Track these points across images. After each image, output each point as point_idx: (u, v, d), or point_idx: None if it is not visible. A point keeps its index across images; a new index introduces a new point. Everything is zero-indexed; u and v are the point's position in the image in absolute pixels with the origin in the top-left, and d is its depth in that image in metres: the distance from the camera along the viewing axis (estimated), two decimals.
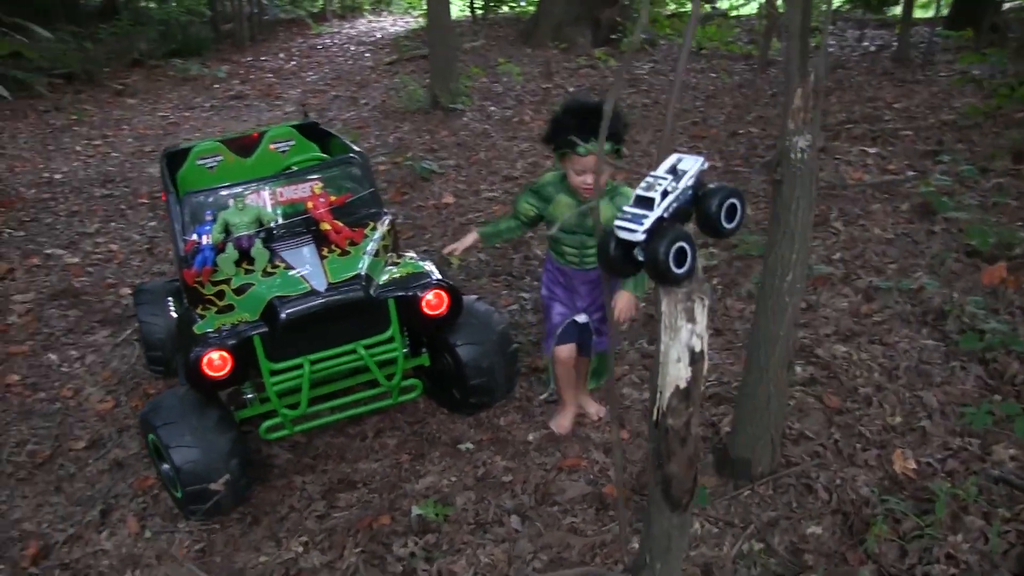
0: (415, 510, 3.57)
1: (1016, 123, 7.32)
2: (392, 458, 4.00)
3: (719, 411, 4.02)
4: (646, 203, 1.15)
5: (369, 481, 3.86)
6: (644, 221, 1.13)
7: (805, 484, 3.50)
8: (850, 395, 4.02)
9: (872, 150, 6.92)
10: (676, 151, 1.23)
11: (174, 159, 4.83)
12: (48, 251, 6.74)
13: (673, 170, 1.18)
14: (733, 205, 1.18)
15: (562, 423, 4.08)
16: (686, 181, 1.17)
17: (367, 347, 3.72)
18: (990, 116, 7.48)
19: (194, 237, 3.87)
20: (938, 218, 5.56)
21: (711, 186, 1.19)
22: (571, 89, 10.41)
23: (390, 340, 3.77)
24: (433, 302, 3.79)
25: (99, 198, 8.08)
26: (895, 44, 10.75)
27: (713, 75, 10.69)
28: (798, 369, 4.21)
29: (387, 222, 4.19)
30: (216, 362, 3.45)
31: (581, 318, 3.83)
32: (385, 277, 3.86)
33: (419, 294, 3.77)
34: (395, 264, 3.99)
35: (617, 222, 1.14)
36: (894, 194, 6.07)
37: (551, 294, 3.88)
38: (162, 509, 3.77)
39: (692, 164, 1.19)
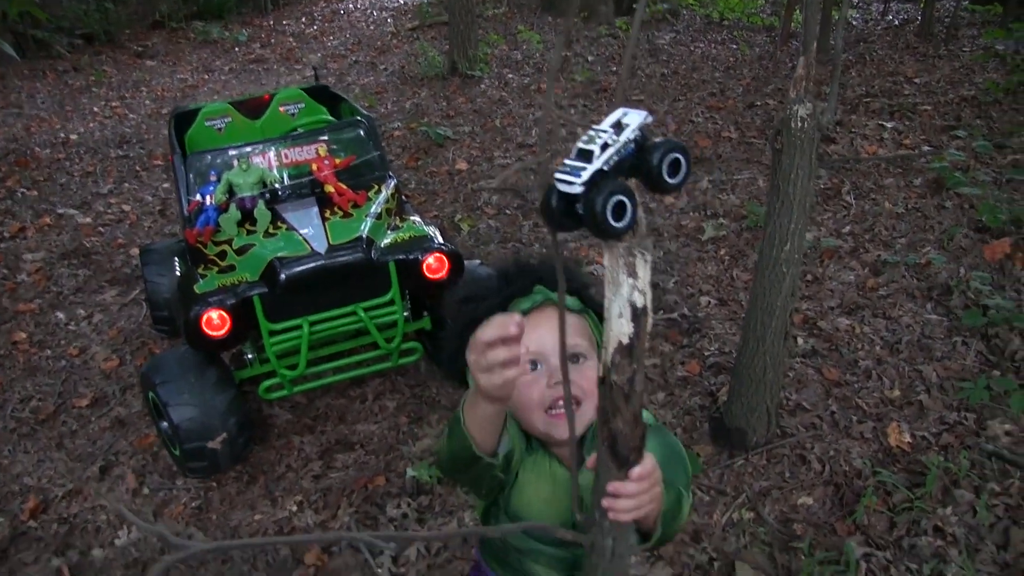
0: (410, 472, 3.59)
1: None
2: (391, 420, 4.02)
3: (718, 380, 4.01)
4: (585, 155, 1.14)
5: (367, 443, 3.88)
6: (582, 173, 1.11)
7: (799, 455, 3.50)
8: (850, 368, 4.01)
9: (889, 124, 6.85)
10: (632, 108, 1.21)
11: (183, 120, 4.85)
12: (60, 211, 6.78)
13: (616, 124, 1.17)
14: (676, 159, 1.15)
15: None
16: (628, 134, 1.16)
17: (367, 309, 3.73)
18: (1011, 92, 7.38)
19: (198, 197, 3.89)
20: (950, 193, 5.50)
21: (655, 140, 1.17)
22: (590, 58, 10.32)
23: (390, 303, 3.77)
24: (434, 266, 3.78)
25: (114, 159, 8.11)
26: (920, 18, 10.60)
27: (734, 46, 10.59)
28: (799, 341, 4.20)
29: (392, 185, 4.18)
30: (215, 321, 3.47)
31: None
32: (387, 240, 3.85)
33: (420, 257, 3.76)
34: (398, 228, 3.98)
35: (556, 174, 1.12)
36: (908, 169, 6.01)
37: None
38: (161, 467, 3.81)
39: (636, 118, 1.17)
